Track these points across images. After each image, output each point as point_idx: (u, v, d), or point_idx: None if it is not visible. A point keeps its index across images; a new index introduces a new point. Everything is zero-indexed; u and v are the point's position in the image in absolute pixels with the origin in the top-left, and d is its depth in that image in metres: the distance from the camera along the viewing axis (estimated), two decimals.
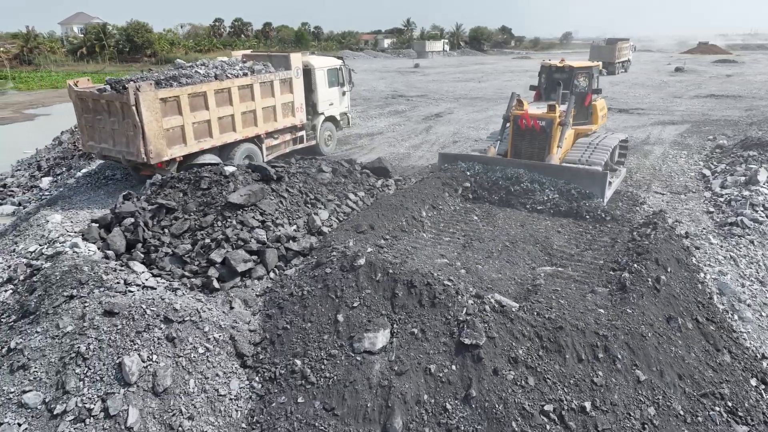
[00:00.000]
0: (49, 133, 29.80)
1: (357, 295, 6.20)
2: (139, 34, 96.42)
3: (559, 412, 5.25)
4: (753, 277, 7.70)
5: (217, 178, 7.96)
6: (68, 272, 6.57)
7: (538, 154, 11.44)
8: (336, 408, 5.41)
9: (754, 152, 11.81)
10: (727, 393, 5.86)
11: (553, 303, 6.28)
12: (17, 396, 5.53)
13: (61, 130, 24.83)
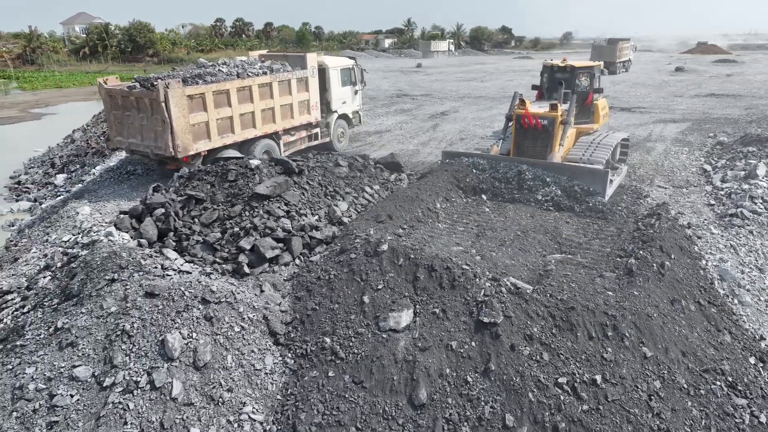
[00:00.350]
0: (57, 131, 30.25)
1: (381, 279, 6.62)
2: (142, 34, 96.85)
3: (571, 384, 5.66)
4: (752, 265, 8.12)
5: (243, 170, 8.38)
6: (108, 258, 6.99)
7: (540, 152, 11.64)
8: (364, 381, 5.83)
9: (753, 148, 12.24)
10: (727, 369, 6.27)
11: (564, 286, 6.69)
12: (68, 370, 5.95)
13: (73, 128, 25.23)
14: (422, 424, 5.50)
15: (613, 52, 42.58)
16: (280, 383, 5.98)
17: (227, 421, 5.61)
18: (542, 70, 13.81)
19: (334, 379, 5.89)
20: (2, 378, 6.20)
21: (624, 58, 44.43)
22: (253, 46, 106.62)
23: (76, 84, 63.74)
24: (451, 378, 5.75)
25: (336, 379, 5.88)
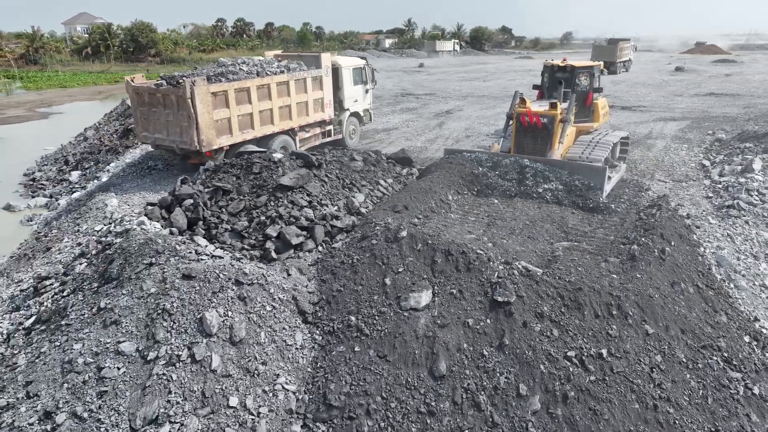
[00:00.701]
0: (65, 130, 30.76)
1: (401, 262, 7.10)
2: (144, 34, 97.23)
3: (579, 358, 6.15)
4: (747, 252, 8.61)
5: (267, 163, 8.86)
6: (145, 244, 7.47)
7: (541, 150, 11.84)
8: (388, 355, 6.31)
9: (750, 144, 12.72)
10: (723, 346, 6.77)
11: (572, 270, 7.18)
12: (114, 345, 6.43)
13: (84, 127, 25.68)
14: (442, 393, 5.98)
15: (613, 52, 43.08)
16: (309, 357, 6.47)
17: (263, 390, 6.09)
18: (543, 69, 14.08)
19: (360, 353, 6.37)
20: (51, 353, 6.69)
21: (624, 58, 44.94)
22: (254, 46, 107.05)
23: (79, 84, 64.20)
24: (469, 352, 6.24)
25: (362, 354, 6.37)
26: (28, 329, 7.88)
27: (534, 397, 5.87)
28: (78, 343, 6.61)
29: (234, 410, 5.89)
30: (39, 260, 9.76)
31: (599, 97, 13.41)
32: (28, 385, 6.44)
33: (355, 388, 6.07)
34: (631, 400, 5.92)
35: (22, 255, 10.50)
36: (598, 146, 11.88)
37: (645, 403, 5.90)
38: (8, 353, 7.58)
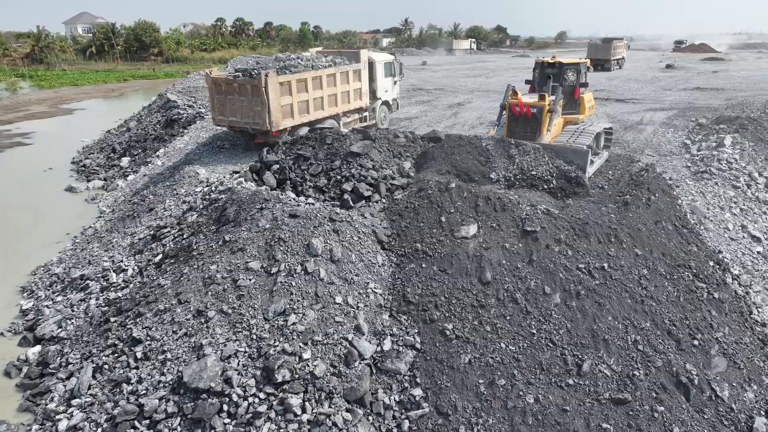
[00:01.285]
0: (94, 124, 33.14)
1: (452, 206, 9.38)
2: (147, 34, 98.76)
3: (587, 269, 8.45)
4: (715, 205, 10.96)
5: (337, 136, 11.10)
6: (254, 195, 9.73)
7: (530, 137, 12.73)
8: (447, 269, 8.58)
9: (724, 125, 15.07)
10: (693, 266, 9.09)
11: (580, 211, 9.48)
12: (243, 265, 8.67)
13: (123, 118, 27.83)
14: (489, 293, 8.27)
15: (608, 50, 45.43)
16: (389, 272, 8.75)
17: (358, 293, 8.36)
18: (534, 66, 15.14)
19: (426, 268, 8.65)
20: (191, 274, 8.93)
21: (618, 56, 47.30)
22: (255, 46, 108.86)
23: (90, 82, 66.05)
24: (507, 265, 8.53)
25: (428, 269, 8.64)
26: (158, 264, 10.13)
27: (555, 294, 8.16)
28: (213, 265, 8.86)
29: (339, 305, 8.15)
30: (145, 218, 11.98)
31: (586, 91, 14.50)
32: (178, 295, 8.69)
33: (425, 291, 8.35)
34: (625, 297, 8.23)
35: (126, 216, 12.72)
36: (583, 134, 13.04)
37: (635, 299, 8.22)
38: (147, 280, 9.83)
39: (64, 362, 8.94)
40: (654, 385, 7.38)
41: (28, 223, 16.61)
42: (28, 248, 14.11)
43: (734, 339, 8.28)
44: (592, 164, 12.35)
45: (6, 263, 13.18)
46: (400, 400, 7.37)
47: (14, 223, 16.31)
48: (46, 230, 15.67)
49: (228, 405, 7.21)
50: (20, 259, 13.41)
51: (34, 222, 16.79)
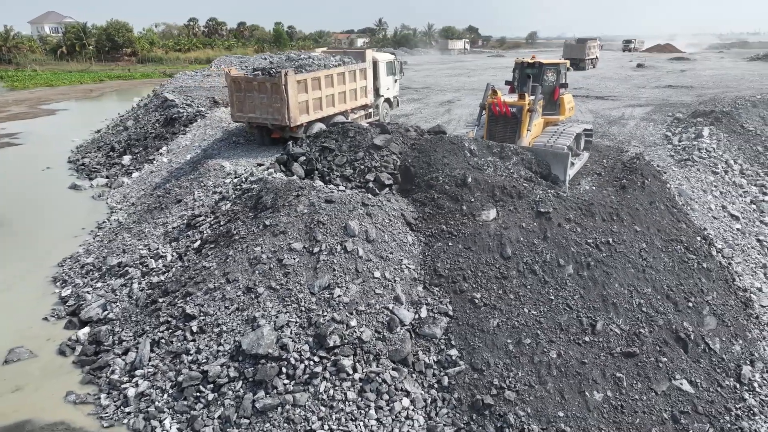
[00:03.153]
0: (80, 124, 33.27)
1: (472, 196, 10.35)
2: (120, 34, 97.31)
3: (595, 243, 9.54)
4: (699, 188, 12.24)
5: (359, 129, 11.97)
6: (288, 183, 10.55)
7: (510, 137, 12.81)
8: (471, 247, 9.57)
9: (701, 119, 16.49)
10: (684, 240, 10.29)
11: (585, 194, 10.60)
12: (286, 246, 9.50)
13: (109, 118, 28.09)
14: (510, 266, 9.28)
15: (582, 50, 47.27)
16: (419, 250, 9.69)
17: (393, 268, 9.27)
18: (514, 66, 15.12)
19: (453, 246, 9.62)
20: (237, 256, 9.72)
21: (592, 55, 49.22)
22: (231, 46, 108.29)
23: (64, 82, 65.08)
24: (524, 242, 9.56)
25: (454, 247, 9.61)
26: (198, 249, 10.86)
27: (569, 266, 9.23)
28: (257, 247, 9.66)
29: (378, 279, 9.05)
30: (175, 209, 12.65)
31: (565, 92, 14.62)
32: (226, 275, 9.48)
33: (453, 266, 9.32)
34: (628, 267, 9.35)
35: (153, 208, 13.35)
36: (563, 135, 12.98)
37: (637, 269, 9.35)
38: (189, 264, 10.56)
39: (116, 340, 9.62)
40: (657, 340, 8.50)
41: (41, 219, 16.99)
42: (47, 243, 14.58)
43: (721, 302, 9.49)
44: (573, 166, 12.38)
45: (31, 257, 13.65)
46: (438, 360, 8.32)
47: (28, 220, 16.69)
48: (61, 226, 16.12)
49: (286, 368, 8.05)
50: (43, 252, 13.88)
51: (47, 218, 17.18)
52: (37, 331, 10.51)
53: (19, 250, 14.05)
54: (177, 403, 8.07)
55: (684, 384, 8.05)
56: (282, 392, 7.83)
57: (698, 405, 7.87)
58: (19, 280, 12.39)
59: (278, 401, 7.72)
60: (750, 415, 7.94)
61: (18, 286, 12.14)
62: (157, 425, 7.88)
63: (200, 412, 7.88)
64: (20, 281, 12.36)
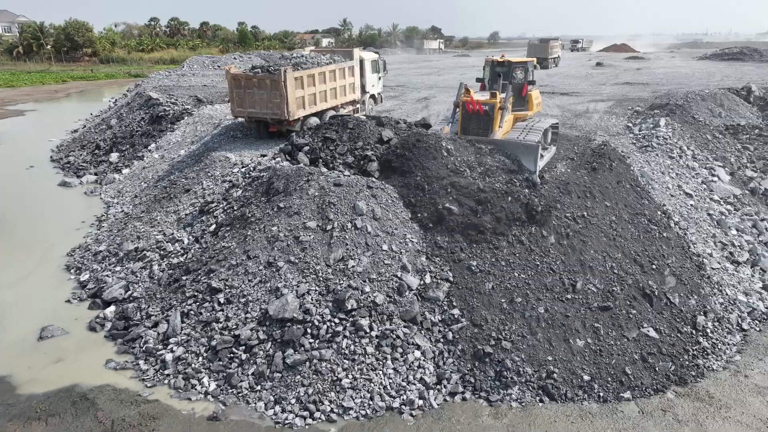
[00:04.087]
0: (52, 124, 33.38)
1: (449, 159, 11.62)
2: (80, 34, 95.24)
3: (573, 217, 10.93)
4: (657, 170, 13.86)
5: (357, 122, 13.07)
6: (298, 170, 11.58)
7: (483, 133, 13.35)
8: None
9: (658, 111, 18.26)
10: (646, 213, 11.82)
11: (561, 176, 12.00)
12: (301, 224, 10.53)
13: (82, 118, 28.26)
14: (500, 238, 10.55)
15: (545, 49, 49.46)
16: (417, 226, 10.88)
17: (399, 242, 10.43)
18: (484, 64, 15.85)
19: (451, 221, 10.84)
20: (255, 235, 10.70)
21: (554, 54, 51.51)
22: (195, 46, 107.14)
23: (25, 83, 63.64)
24: (510, 214, 10.86)
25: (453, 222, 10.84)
26: (214, 232, 11.77)
27: (551, 236, 10.58)
28: (274, 227, 10.67)
29: (386, 251, 10.20)
30: (184, 197, 13.48)
31: (533, 89, 15.33)
32: (247, 252, 10.47)
33: (450, 239, 10.55)
34: (601, 236, 10.79)
35: (161, 198, 14.13)
36: (532, 131, 13.70)
37: (609, 237, 10.80)
38: (207, 245, 11.46)
39: (144, 315, 10.47)
40: (627, 296, 9.94)
41: (39, 215, 17.44)
42: (51, 236, 15.14)
43: (679, 265, 11.03)
44: (542, 158, 13.04)
45: (38, 250, 14.20)
46: (442, 318, 9.54)
47: (27, 216, 17.11)
48: (61, 221, 16.64)
49: (310, 329, 9.12)
50: (49, 245, 14.45)
51: (45, 214, 17.63)
52: (62, 312, 11.22)
53: (25, 244, 14.57)
54: (213, 364, 9.03)
55: (650, 331, 9.50)
56: (308, 349, 8.90)
57: (662, 347, 9.32)
58: (33, 271, 12.97)
59: (306, 357, 8.79)
60: (704, 355, 9.45)
61: (33, 276, 12.73)
62: (196, 383, 8.83)
63: (235, 370, 8.88)
64: (34, 271, 12.95)
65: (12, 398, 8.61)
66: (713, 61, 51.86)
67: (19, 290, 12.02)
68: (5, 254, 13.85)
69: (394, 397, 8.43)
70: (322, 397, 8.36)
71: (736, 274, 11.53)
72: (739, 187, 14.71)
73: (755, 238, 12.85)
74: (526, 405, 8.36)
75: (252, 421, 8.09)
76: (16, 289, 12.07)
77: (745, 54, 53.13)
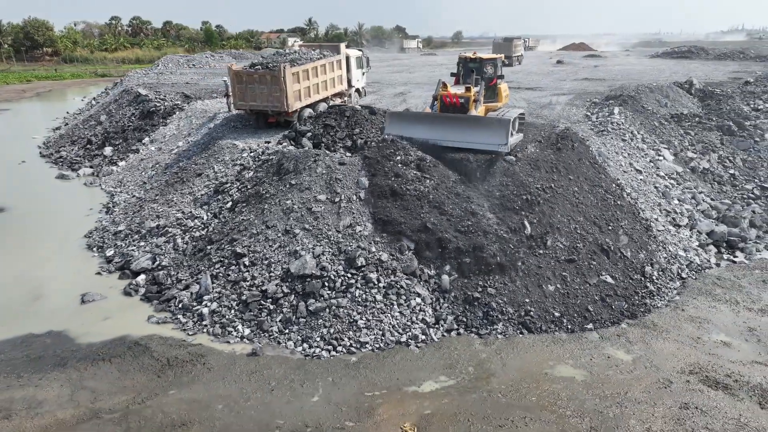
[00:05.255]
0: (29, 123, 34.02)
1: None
2: (40, 33, 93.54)
3: (542, 187, 12.89)
4: (612, 151, 16.04)
5: (353, 111, 14.75)
6: (306, 152, 13.20)
7: None
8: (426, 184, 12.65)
9: (612, 101, 20.57)
10: (603, 185, 13.91)
11: (532, 155, 13.97)
12: (312, 197, 12.17)
13: (60, 117, 28.94)
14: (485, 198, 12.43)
15: (509, 48, 51.98)
16: None
17: None
18: (458, 61, 16.90)
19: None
20: (271, 208, 12.28)
21: (518, 53, 54.13)
22: (160, 45, 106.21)
23: None
24: (480, 188, 12.76)
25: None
26: (230, 208, 13.27)
27: (521, 204, 12.51)
28: (288, 200, 12.28)
29: None
30: (197, 180, 14.90)
31: (502, 82, 16.56)
32: (265, 222, 12.06)
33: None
34: (566, 203, 12.79)
35: (174, 182, 15.49)
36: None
37: (572, 204, 12.81)
38: (227, 220, 12.96)
39: (175, 280, 11.92)
40: (588, 251, 11.95)
41: (45, 204, 18.50)
42: (63, 223, 16.29)
43: (631, 227, 13.14)
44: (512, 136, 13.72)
45: (55, 233, 15.36)
46: (437, 272, 11.33)
47: (33, 206, 18.13)
48: (68, 209, 17.78)
49: (327, 282, 10.79)
50: (64, 230, 15.62)
51: (51, 204, 18.69)
52: (96, 282, 12.53)
53: (40, 230, 15.68)
54: (245, 314, 10.60)
55: (607, 278, 11.52)
56: (327, 299, 10.57)
57: (617, 291, 11.35)
58: (57, 251, 14.15)
59: (326, 305, 10.45)
60: (650, 296, 11.53)
61: (58, 256, 13.93)
62: (232, 330, 10.37)
63: (265, 318, 10.47)
64: (58, 252, 14.13)
65: (73, 347, 9.99)
66: (664, 59, 55.44)
67: (49, 267, 13.23)
68: (25, 239, 14.95)
69: (402, 334, 10.16)
70: (342, 335, 10.03)
71: (677, 235, 13.73)
72: (681, 165, 17.03)
73: (693, 206, 15.12)
74: (510, 336, 10.23)
75: (285, 356, 9.70)
76: (45, 266, 13.28)
77: (692, 52, 56.98)
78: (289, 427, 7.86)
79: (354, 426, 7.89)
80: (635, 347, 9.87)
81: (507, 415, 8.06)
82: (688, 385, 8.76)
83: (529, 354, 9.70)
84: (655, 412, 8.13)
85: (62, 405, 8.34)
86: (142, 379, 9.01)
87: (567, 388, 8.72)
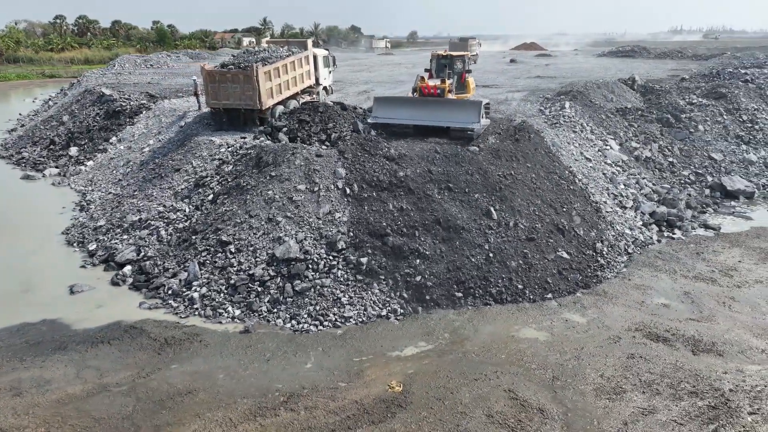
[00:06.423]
0: None
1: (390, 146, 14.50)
2: None
3: (504, 174, 14.10)
4: (564, 141, 17.49)
5: (326, 107, 15.57)
6: (283, 146, 13.95)
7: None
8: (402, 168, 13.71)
9: (563, 96, 22.16)
10: (557, 172, 15.26)
11: (493, 145, 15.18)
12: (293, 188, 12.95)
13: (11, 119, 28.57)
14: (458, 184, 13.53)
15: (465, 47, 53.71)
16: None
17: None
18: (431, 58, 19.61)
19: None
20: (253, 199, 12.99)
21: (473, 52, 55.95)
22: (111, 45, 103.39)
23: None
24: (454, 175, 13.88)
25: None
26: (213, 200, 13.89)
27: (485, 190, 13.68)
28: (270, 191, 13.03)
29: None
30: (176, 175, 15.38)
31: (470, 77, 19.45)
32: (248, 212, 12.78)
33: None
34: (525, 188, 14.04)
35: (152, 177, 15.90)
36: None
37: (531, 189, 14.08)
38: (209, 211, 13.58)
39: (161, 269, 12.47)
40: (546, 231, 13.22)
41: (15, 204, 18.48)
42: (37, 220, 16.43)
43: (583, 208, 14.52)
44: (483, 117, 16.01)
45: (32, 231, 15.52)
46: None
47: (4, 204, 18.11)
48: (40, 208, 17.87)
49: (311, 264, 11.63)
50: (42, 227, 15.79)
51: (21, 203, 18.67)
52: (81, 275, 12.92)
53: (17, 228, 15.76)
54: (234, 297, 11.31)
55: (564, 254, 12.81)
56: (311, 279, 11.41)
57: (572, 264, 12.65)
58: (39, 247, 14.37)
59: (311, 285, 11.29)
60: (601, 269, 12.89)
61: (41, 251, 14.17)
62: (223, 311, 11.07)
63: (253, 299, 11.21)
64: (40, 248, 14.35)
65: (70, 332, 10.47)
66: (609, 58, 58.52)
67: (33, 261, 13.50)
68: (3, 237, 15.04)
69: (382, 308, 11.12)
70: (327, 312, 10.89)
71: (623, 215, 15.23)
72: (626, 154, 18.68)
73: (637, 191, 16.71)
74: (479, 307, 11.34)
75: (276, 332, 10.49)
76: (30, 260, 13.54)
77: (635, 51, 60.38)
78: (287, 389, 8.68)
79: (346, 386, 8.79)
80: (589, 311, 11.16)
81: (481, 371, 9.14)
82: (633, 340, 10.08)
83: (498, 321, 10.84)
84: (606, 362, 9.38)
85: (70, 382, 8.88)
86: (144, 356, 9.62)
87: (531, 347, 9.89)
